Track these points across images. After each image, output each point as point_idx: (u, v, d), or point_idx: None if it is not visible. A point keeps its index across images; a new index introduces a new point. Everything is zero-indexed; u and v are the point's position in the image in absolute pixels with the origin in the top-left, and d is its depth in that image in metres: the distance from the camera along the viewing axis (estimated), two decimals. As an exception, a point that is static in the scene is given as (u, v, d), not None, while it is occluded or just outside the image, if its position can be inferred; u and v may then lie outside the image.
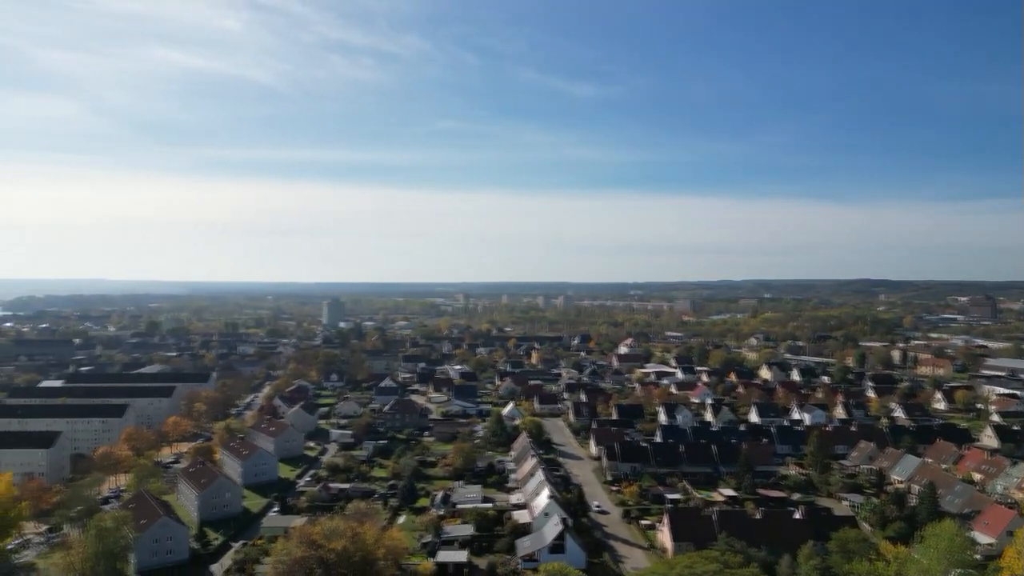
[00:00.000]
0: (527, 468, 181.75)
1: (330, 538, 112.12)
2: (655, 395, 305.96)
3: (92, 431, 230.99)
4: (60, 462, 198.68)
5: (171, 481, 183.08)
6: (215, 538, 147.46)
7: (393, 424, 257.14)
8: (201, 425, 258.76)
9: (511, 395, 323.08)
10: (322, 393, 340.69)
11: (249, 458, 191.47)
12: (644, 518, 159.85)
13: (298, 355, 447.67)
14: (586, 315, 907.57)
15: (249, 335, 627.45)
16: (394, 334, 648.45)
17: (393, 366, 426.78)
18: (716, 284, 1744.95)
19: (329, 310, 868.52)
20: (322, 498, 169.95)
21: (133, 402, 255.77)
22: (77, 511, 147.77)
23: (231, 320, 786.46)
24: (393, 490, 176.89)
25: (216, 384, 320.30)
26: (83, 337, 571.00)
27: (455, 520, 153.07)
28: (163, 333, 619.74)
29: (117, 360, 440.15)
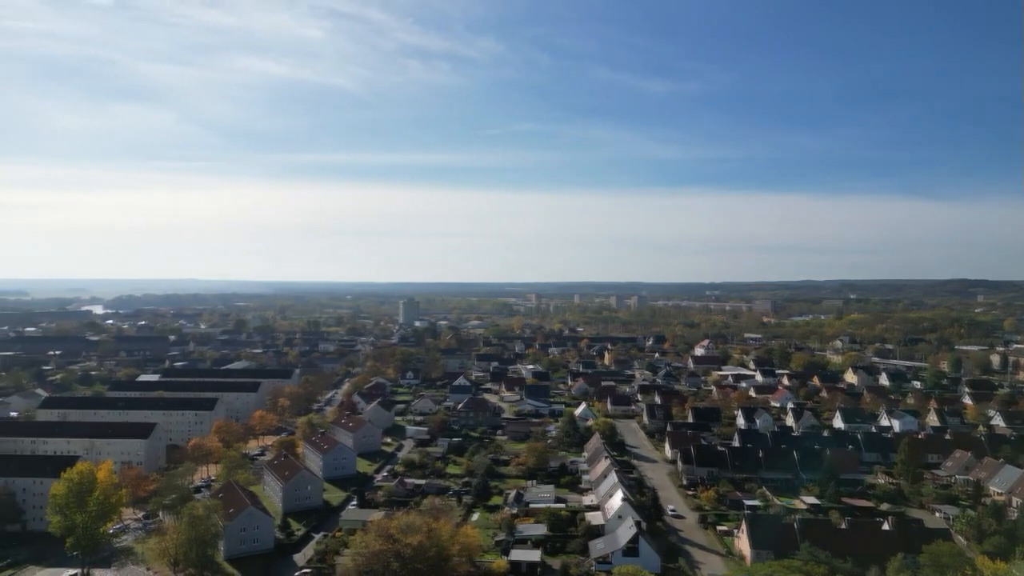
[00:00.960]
0: (600, 469, 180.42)
1: (406, 533, 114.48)
2: (733, 398, 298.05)
3: (185, 423, 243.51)
4: (156, 452, 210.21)
5: (257, 473, 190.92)
6: (297, 529, 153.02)
7: (467, 422, 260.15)
8: (285, 419, 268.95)
9: (584, 396, 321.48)
10: (398, 390, 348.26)
11: (329, 452, 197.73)
12: (721, 524, 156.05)
13: (376, 353, 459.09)
14: (661, 316, 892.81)
15: (330, 333, 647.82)
16: (467, 333, 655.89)
17: (467, 365, 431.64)
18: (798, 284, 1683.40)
19: (405, 309, 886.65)
20: (399, 493, 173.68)
21: (222, 396, 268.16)
22: (171, 499, 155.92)
23: (313, 319, 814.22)
24: (467, 487, 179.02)
25: (299, 380, 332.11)
26: (177, 334, 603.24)
27: (528, 519, 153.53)
28: (250, 331, 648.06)
29: (208, 356, 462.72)
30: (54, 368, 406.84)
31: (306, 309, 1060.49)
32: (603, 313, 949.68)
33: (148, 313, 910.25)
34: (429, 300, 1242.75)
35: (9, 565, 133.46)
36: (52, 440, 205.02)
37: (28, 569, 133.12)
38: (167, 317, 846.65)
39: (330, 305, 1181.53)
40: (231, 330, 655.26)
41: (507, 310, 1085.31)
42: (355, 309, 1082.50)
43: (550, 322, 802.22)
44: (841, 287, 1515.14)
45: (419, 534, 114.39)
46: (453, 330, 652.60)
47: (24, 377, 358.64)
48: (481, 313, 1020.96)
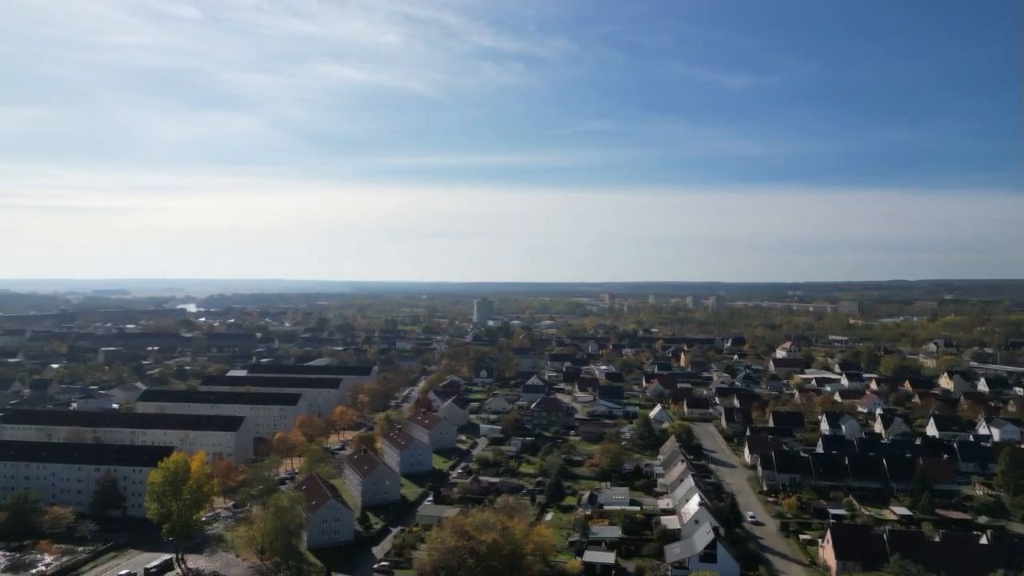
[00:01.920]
0: (676, 473, 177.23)
1: (481, 530, 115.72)
2: (816, 403, 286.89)
3: (271, 417, 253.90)
4: (244, 444, 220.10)
5: (338, 466, 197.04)
6: (376, 522, 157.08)
7: (540, 422, 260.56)
8: (364, 415, 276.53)
9: (659, 397, 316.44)
10: (472, 389, 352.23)
11: (406, 448, 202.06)
12: (804, 533, 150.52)
13: (450, 351, 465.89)
14: (739, 316, 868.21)
15: (406, 332, 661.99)
16: (540, 333, 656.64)
17: (539, 364, 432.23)
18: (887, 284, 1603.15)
19: (479, 309, 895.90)
20: (473, 490, 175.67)
21: (305, 392, 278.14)
22: (258, 490, 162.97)
23: (390, 317, 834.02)
24: (540, 487, 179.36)
25: (377, 377, 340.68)
26: (263, 332, 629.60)
27: (602, 521, 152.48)
28: (331, 329, 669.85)
29: (292, 353, 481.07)
30: (152, 363, 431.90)
31: (384, 308, 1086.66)
32: (679, 314, 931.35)
33: (237, 312, 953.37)
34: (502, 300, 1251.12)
35: (111, 548, 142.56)
36: (150, 431, 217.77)
37: (128, 552, 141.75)
38: (254, 315, 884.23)
39: (407, 304, 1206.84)
40: (313, 328, 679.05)
41: (580, 310, 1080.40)
42: (430, 308, 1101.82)
43: (624, 322, 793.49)
44: (935, 287, 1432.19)
45: (493, 532, 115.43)
46: (526, 330, 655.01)
47: (125, 371, 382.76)
48: (554, 313, 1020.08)
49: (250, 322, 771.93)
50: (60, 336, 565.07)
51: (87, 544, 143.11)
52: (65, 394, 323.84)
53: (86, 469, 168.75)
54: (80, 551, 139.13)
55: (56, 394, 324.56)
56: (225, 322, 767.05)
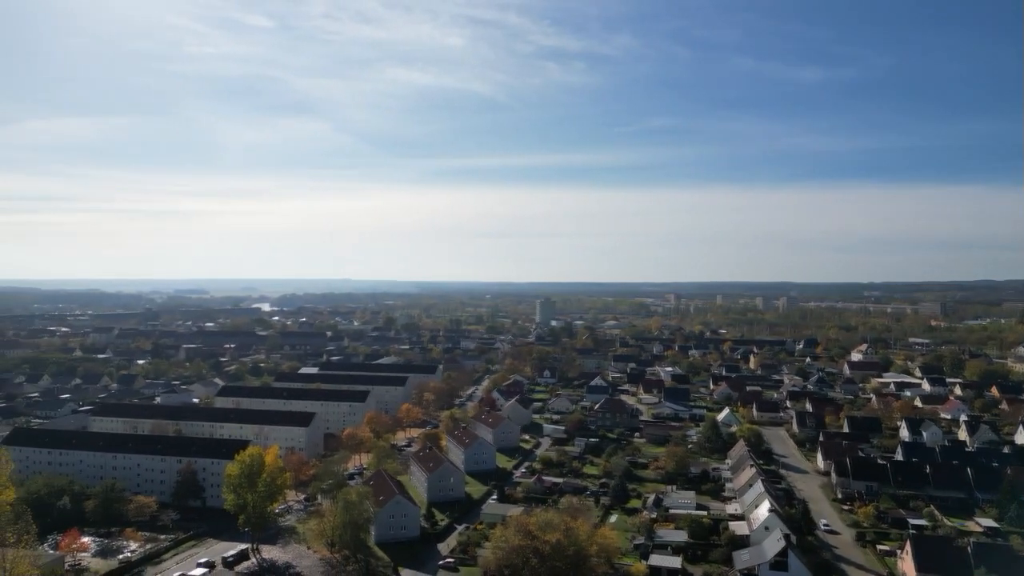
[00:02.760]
0: (745, 478, 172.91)
1: (545, 530, 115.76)
2: (895, 408, 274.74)
3: (340, 413, 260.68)
4: (315, 439, 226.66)
5: (404, 463, 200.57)
6: (441, 519, 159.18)
7: (603, 423, 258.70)
8: (429, 413, 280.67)
9: (727, 400, 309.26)
10: (535, 389, 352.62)
11: (471, 446, 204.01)
12: (881, 543, 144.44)
13: (514, 351, 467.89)
14: (812, 317, 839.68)
15: (470, 331, 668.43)
16: (604, 333, 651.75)
17: (603, 365, 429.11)
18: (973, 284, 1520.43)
19: (541, 309, 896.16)
20: (537, 490, 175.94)
21: (373, 389, 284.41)
22: (328, 484, 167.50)
23: (455, 317, 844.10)
24: (604, 488, 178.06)
25: (442, 376, 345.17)
26: (333, 330, 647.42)
27: (668, 524, 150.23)
28: (398, 328, 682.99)
29: (360, 351, 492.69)
30: (229, 360, 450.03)
31: (448, 308, 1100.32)
32: (748, 314, 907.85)
33: (308, 311, 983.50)
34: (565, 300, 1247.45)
35: (192, 536, 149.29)
36: (227, 425, 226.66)
37: (207, 541, 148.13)
38: (324, 314, 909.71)
39: (470, 304, 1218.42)
40: (381, 327, 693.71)
41: (644, 310, 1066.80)
42: (494, 308, 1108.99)
43: (690, 323, 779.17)
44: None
45: (557, 532, 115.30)
46: (589, 330, 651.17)
47: (204, 368, 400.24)
48: (617, 313, 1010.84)
49: (320, 321, 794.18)
50: (145, 334, 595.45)
51: (169, 532, 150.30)
52: (149, 389, 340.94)
53: (168, 460, 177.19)
54: (162, 539, 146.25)
55: (141, 389, 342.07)
56: (297, 321, 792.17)
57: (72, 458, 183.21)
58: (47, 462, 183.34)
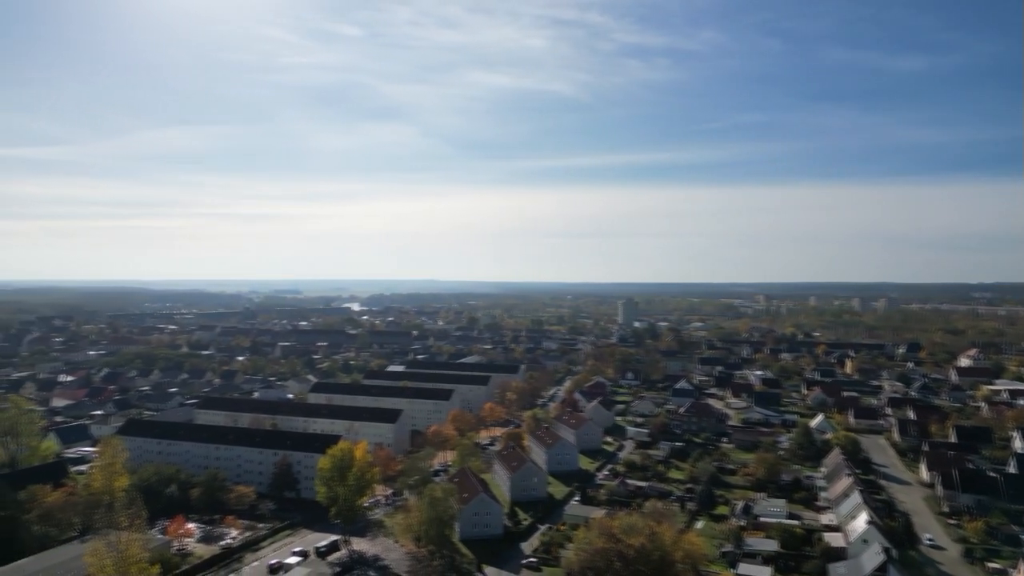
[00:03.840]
0: (841, 487, 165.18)
1: (628, 533, 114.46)
2: (1008, 417, 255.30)
3: (425, 411, 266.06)
4: (402, 436, 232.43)
5: (487, 461, 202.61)
6: (524, 519, 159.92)
7: (689, 427, 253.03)
8: (512, 412, 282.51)
9: (821, 406, 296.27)
10: (618, 390, 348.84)
11: (553, 447, 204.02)
12: (992, 560, 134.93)
13: (596, 352, 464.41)
14: (915, 320, 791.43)
15: (552, 332, 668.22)
16: (689, 335, 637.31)
17: (689, 368, 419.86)
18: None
19: (624, 309, 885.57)
20: (620, 493, 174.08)
21: (457, 388, 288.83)
22: (414, 480, 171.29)
23: (536, 317, 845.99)
24: (690, 494, 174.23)
25: (524, 376, 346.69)
26: (419, 330, 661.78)
27: (758, 533, 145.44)
28: (480, 328, 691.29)
29: (444, 351, 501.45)
30: (321, 357, 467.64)
31: (530, 308, 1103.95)
32: (844, 316, 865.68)
33: (395, 310, 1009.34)
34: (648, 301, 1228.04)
35: (287, 526, 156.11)
36: (319, 420, 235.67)
37: (301, 531, 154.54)
38: (410, 314, 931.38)
39: (552, 304, 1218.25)
40: (464, 327, 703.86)
41: (732, 312, 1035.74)
42: (575, 309, 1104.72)
43: (781, 325, 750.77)
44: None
45: (641, 536, 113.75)
46: (674, 331, 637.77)
47: (298, 365, 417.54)
48: (703, 314, 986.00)
49: (407, 320, 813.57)
50: (244, 332, 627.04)
51: (266, 521, 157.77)
52: (249, 384, 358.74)
53: (266, 453, 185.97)
54: (260, 527, 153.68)
55: (241, 384, 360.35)
56: (385, 320, 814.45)
57: (179, 448, 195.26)
58: (157, 452, 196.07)
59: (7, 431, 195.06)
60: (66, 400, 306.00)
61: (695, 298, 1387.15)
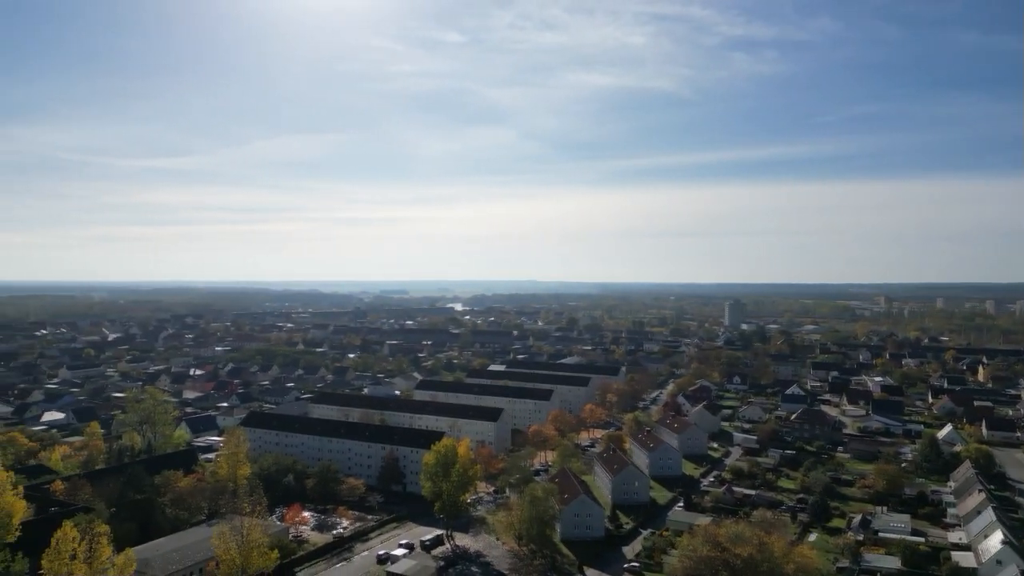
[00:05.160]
0: (972, 503, 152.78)
1: (736, 542, 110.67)
2: None
3: (526, 410, 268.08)
4: (503, 434, 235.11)
5: (588, 463, 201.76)
6: (626, 522, 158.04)
7: (801, 434, 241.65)
8: (612, 415, 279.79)
9: (949, 416, 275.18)
10: (724, 395, 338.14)
11: (655, 451, 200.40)
12: None
13: (700, 355, 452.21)
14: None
15: (653, 333, 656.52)
16: (801, 338, 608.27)
17: (800, 373, 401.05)
18: None
19: (731, 311, 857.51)
20: (726, 500, 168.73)
21: (557, 388, 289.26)
22: (515, 478, 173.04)
23: (637, 318, 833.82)
24: (802, 504, 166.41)
25: (625, 378, 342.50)
26: (519, 330, 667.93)
27: (877, 549, 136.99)
28: (580, 329, 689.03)
29: (544, 351, 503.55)
30: (426, 356, 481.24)
31: (631, 309, 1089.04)
32: (976, 320, 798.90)
33: (496, 311, 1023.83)
34: (757, 302, 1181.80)
35: (394, 519, 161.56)
36: (424, 417, 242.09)
37: (407, 524, 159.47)
38: (511, 314, 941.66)
39: (654, 306, 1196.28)
40: (564, 327, 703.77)
41: (848, 314, 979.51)
42: (678, 310, 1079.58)
43: (904, 328, 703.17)
44: None
45: (750, 546, 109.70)
46: (784, 334, 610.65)
47: (404, 362, 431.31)
48: (817, 317, 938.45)
49: (507, 320, 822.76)
50: (355, 330, 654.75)
51: (375, 513, 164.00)
52: (359, 380, 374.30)
53: (374, 447, 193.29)
54: (369, 519, 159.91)
55: (352, 380, 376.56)
56: (486, 320, 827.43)
57: (295, 440, 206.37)
58: (275, 443, 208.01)
59: (145, 420, 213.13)
60: (196, 392, 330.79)
61: (807, 299, 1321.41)
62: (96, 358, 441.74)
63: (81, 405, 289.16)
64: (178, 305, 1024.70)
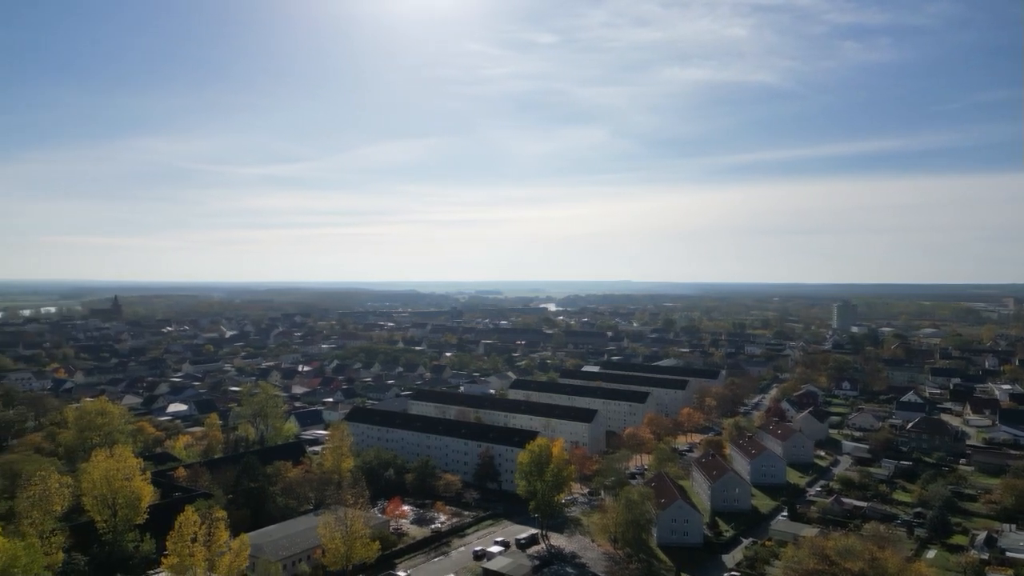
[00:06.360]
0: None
1: (845, 556, 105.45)
2: None
3: (621, 412, 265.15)
4: (597, 436, 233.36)
5: (685, 468, 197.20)
6: (726, 530, 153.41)
7: (918, 444, 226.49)
8: (711, 419, 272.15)
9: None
10: (832, 401, 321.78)
11: (757, 457, 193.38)
12: None
13: (806, 359, 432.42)
14: None
15: (755, 336, 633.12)
16: (918, 342, 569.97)
17: (917, 379, 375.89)
18: None
19: (839, 313, 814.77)
20: (834, 512, 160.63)
21: (653, 391, 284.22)
22: (610, 481, 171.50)
23: (738, 320, 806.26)
24: (920, 519, 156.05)
25: (724, 381, 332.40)
26: (613, 330, 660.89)
27: (1004, 570, 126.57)
28: (677, 330, 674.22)
29: (639, 352, 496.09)
30: (520, 355, 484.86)
31: (731, 310, 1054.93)
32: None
33: (590, 311, 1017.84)
34: (868, 304, 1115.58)
35: (490, 516, 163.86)
36: (518, 416, 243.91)
37: (502, 522, 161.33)
38: (605, 315, 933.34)
39: (755, 307, 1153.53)
40: (660, 329, 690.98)
41: (972, 316, 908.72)
42: (782, 311, 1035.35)
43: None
44: None
45: (860, 561, 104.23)
46: (899, 338, 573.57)
47: (499, 361, 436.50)
48: (936, 320, 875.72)
49: (601, 321, 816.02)
50: (451, 329, 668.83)
51: (471, 510, 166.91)
52: (455, 378, 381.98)
53: (470, 444, 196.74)
54: (466, 515, 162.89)
55: (449, 378, 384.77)
56: (579, 321, 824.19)
57: (395, 435, 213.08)
58: (376, 437, 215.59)
59: (258, 413, 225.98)
60: (304, 388, 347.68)
61: (925, 301, 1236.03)
62: (215, 354, 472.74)
63: (202, 398, 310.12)
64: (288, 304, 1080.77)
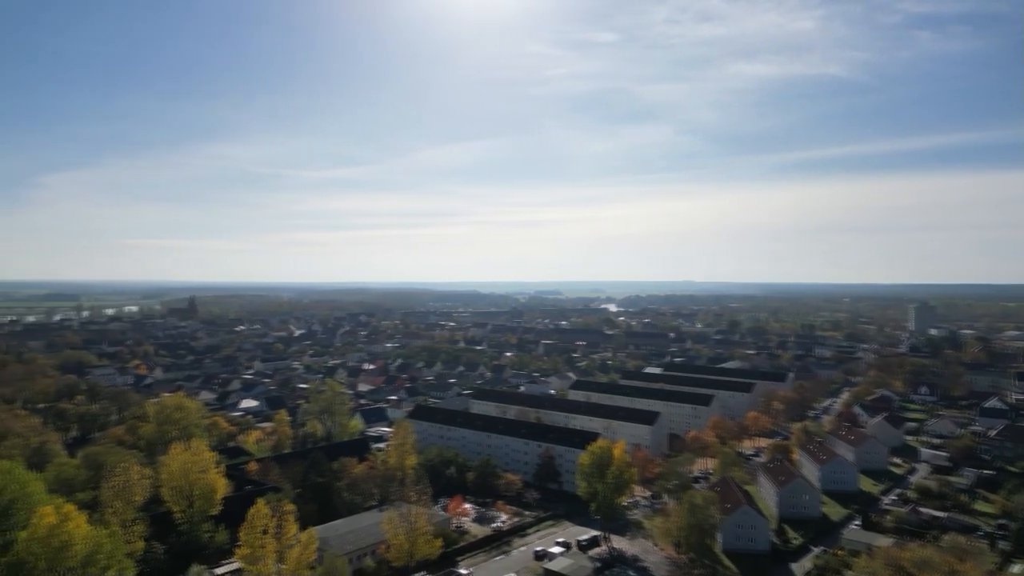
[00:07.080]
0: None
1: (923, 568, 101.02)
2: None
3: (683, 415, 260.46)
4: (660, 438, 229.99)
5: (751, 472, 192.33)
6: (794, 537, 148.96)
7: (1002, 453, 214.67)
8: (778, 423, 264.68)
9: None
10: (908, 406, 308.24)
11: (827, 463, 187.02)
12: None
13: (880, 362, 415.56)
14: None
15: (825, 337, 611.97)
16: (1002, 346, 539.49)
17: (1001, 384, 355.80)
18: None
19: (916, 314, 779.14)
20: (911, 522, 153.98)
21: (717, 393, 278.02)
22: (673, 484, 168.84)
23: (807, 321, 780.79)
24: (1003, 531, 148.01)
25: (792, 385, 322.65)
26: (676, 332, 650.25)
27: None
28: (742, 331, 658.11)
29: (703, 354, 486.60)
30: (580, 356, 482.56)
31: (799, 311, 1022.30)
32: None
33: (651, 312, 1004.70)
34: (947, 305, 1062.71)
35: (551, 517, 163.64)
36: (579, 417, 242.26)
37: (563, 523, 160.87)
38: (667, 316, 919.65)
39: (825, 308, 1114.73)
40: (724, 330, 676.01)
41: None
42: (853, 313, 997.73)
43: None
44: None
45: (939, 573, 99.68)
46: (982, 341, 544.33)
47: (559, 362, 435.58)
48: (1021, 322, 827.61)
49: (663, 322, 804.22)
50: (511, 329, 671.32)
51: (531, 510, 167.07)
52: (515, 378, 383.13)
53: (531, 444, 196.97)
54: (527, 515, 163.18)
55: (509, 378, 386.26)
56: (641, 321, 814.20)
57: (457, 434, 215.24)
58: (438, 436, 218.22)
59: (325, 409, 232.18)
60: (368, 385, 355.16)
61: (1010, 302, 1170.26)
62: (284, 352, 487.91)
63: (272, 394, 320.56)
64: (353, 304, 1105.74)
